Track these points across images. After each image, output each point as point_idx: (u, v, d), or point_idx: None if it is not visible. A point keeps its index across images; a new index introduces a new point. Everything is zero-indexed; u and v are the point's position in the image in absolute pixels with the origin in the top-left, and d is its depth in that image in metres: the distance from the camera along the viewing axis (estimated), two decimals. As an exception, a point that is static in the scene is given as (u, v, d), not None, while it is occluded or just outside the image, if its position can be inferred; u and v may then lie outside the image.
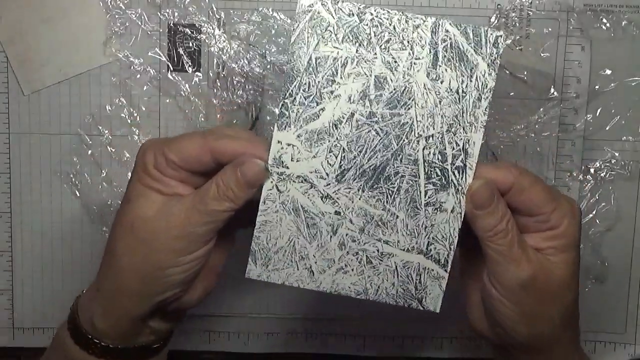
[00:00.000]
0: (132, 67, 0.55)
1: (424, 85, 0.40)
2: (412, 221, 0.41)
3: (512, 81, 0.55)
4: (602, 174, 0.56)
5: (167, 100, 0.56)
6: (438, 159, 0.40)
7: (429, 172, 0.40)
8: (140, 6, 0.55)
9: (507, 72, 0.55)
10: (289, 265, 0.41)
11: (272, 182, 0.40)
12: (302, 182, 0.40)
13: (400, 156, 0.40)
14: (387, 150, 0.40)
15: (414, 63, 0.39)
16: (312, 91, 0.39)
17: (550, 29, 0.55)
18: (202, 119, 0.56)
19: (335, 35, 0.39)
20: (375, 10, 0.39)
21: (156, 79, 0.55)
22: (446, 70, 0.39)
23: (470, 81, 0.40)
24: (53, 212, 0.57)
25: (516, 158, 0.56)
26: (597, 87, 0.55)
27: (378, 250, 0.41)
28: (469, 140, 0.40)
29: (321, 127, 0.40)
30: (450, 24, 0.39)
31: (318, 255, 0.41)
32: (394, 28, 0.39)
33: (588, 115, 0.56)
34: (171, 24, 0.55)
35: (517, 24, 0.55)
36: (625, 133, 0.56)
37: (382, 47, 0.39)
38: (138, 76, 0.55)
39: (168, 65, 0.55)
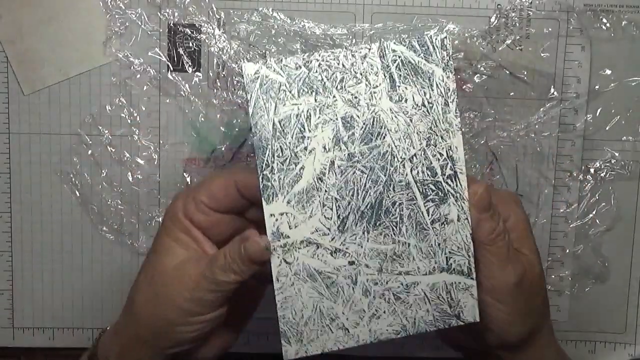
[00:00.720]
0: (132, 67, 0.55)
1: (390, 109, 0.39)
2: (425, 243, 0.40)
3: (512, 81, 0.55)
4: (602, 174, 0.56)
5: (167, 100, 0.56)
6: (428, 175, 0.40)
7: (424, 190, 0.40)
8: (140, 6, 0.55)
9: (507, 72, 0.55)
10: (322, 332, 0.40)
11: (278, 257, 0.39)
12: (307, 245, 0.39)
13: (392, 185, 0.40)
14: (377, 185, 0.39)
15: (374, 92, 0.39)
16: (287, 154, 0.39)
17: (550, 29, 0.55)
18: (202, 119, 0.56)
19: (290, 92, 0.39)
20: (320, 55, 0.39)
21: (156, 79, 0.55)
22: (406, 88, 0.39)
23: (432, 90, 0.39)
24: (53, 212, 0.57)
25: (516, 158, 0.56)
26: (597, 87, 0.55)
27: (402, 284, 0.40)
28: (450, 147, 0.40)
29: (307, 185, 0.39)
30: (394, 42, 0.39)
31: (347, 311, 0.40)
32: (343, 65, 0.39)
33: (588, 115, 0.56)
34: (171, 24, 0.55)
35: (517, 24, 0.55)
36: (625, 133, 0.56)
37: (338, 87, 0.39)
38: (138, 76, 0.55)
39: (168, 65, 0.55)
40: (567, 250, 0.57)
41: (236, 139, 0.56)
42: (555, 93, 0.55)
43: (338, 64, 0.39)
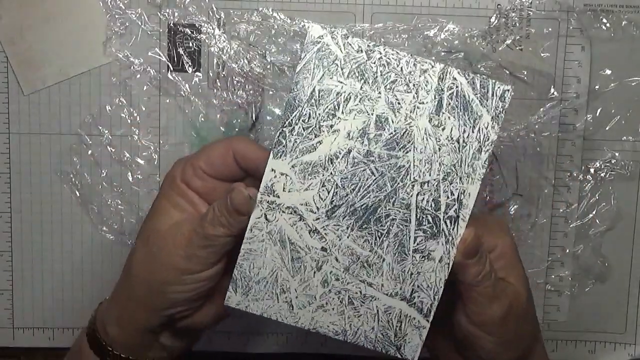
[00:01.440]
0: (132, 67, 0.55)
1: (425, 130, 0.39)
2: (399, 266, 0.40)
3: (512, 81, 0.55)
4: (602, 174, 0.56)
5: (167, 100, 0.56)
6: (431, 206, 0.39)
7: (421, 218, 0.39)
8: (140, 6, 0.55)
9: (507, 72, 0.55)
10: (269, 297, 0.41)
11: (261, 210, 0.40)
12: (291, 213, 0.40)
13: (394, 199, 0.39)
14: (380, 192, 0.39)
15: (417, 107, 0.39)
16: (312, 123, 0.39)
17: (550, 29, 0.55)
18: (202, 119, 0.56)
19: (342, 69, 0.39)
20: (384, 50, 0.39)
21: (156, 79, 0.55)
22: (449, 117, 0.39)
23: (473, 132, 0.39)
24: (53, 212, 0.57)
25: (516, 158, 0.56)
26: (597, 87, 0.55)
27: (361, 292, 0.40)
28: (464, 191, 0.39)
29: (317, 160, 0.39)
30: (458, 72, 0.39)
31: (300, 290, 0.40)
32: (401, 69, 0.39)
33: (588, 115, 0.56)
34: (171, 24, 0.55)
35: (517, 24, 0.55)
36: (625, 133, 0.56)
37: (387, 87, 0.39)
38: (138, 76, 0.55)
39: (168, 65, 0.55)
40: (567, 250, 0.57)
41: (236, 139, 0.56)
42: (555, 93, 0.55)
43: (397, 65, 0.39)
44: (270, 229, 0.40)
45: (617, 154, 0.56)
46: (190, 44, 0.55)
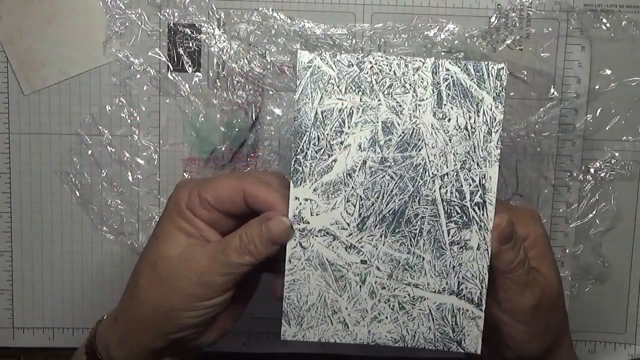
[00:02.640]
0: (132, 67, 0.55)
1: (432, 125, 0.39)
2: (439, 262, 0.40)
3: (512, 81, 0.55)
4: (602, 174, 0.56)
5: (167, 100, 0.56)
6: (456, 196, 0.40)
7: (449, 210, 0.40)
8: (140, 6, 0.55)
9: (507, 72, 0.55)
10: (322, 321, 0.41)
11: (295, 239, 0.40)
12: (324, 235, 0.40)
13: (418, 197, 0.40)
14: (404, 193, 0.40)
15: (419, 105, 0.39)
16: (322, 144, 0.39)
17: (550, 29, 0.55)
18: (202, 119, 0.56)
19: (338, 87, 0.39)
20: (374, 58, 0.39)
21: (156, 79, 0.55)
22: (452, 108, 0.39)
23: (478, 116, 0.39)
24: (53, 212, 0.57)
25: (516, 158, 0.56)
26: (597, 87, 0.55)
27: (409, 295, 0.40)
28: (484, 175, 0.39)
29: (336, 178, 0.40)
30: (450, 62, 0.39)
31: (350, 307, 0.41)
32: (395, 73, 0.39)
33: (588, 115, 0.56)
34: (171, 24, 0.55)
35: (517, 24, 0.55)
36: (625, 133, 0.56)
37: (385, 92, 0.39)
38: (138, 76, 0.55)
39: (168, 65, 0.55)
40: (567, 250, 0.57)
41: (236, 139, 0.56)
42: (555, 93, 0.55)
43: (390, 70, 0.39)
44: (308, 256, 0.40)
45: (617, 154, 0.56)
46: (190, 44, 0.55)
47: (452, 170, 0.40)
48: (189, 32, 0.55)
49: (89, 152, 0.56)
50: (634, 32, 0.55)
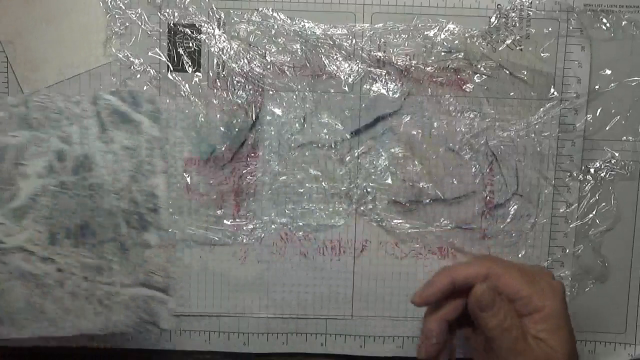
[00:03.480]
0: (132, 67, 0.55)
1: (100, 149, 0.47)
2: (127, 262, 0.48)
3: (512, 81, 0.55)
4: (602, 174, 0.56)
5: (167, 100, 0.56)
6: (131, 206, 0.47)
7: (127, 218, 0.47)
8: (140, 6, 0.55)
9: (507, 72, 0.55)
10: (33, 320, 0.49)
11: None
12: (21, 252, 0.48)
13: (99, 211, 0.47)
14: (85, 209, 0.47)
15: (85, 133, 0.46)
16: (4, 176, 0.47)
17: (550, 29, 0.55)
18: (202, 119, 0.56)
19: (9, 125, 0.46)
20: (37, 97, 0.46)
21: (156, 79, 0.55)
22: (114, 132, 0.47)
23: (140, 136, 0.47)
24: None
25: (516, 158, 0.56)
26: (597, 87, 0.55)
27: (105, 292, 0.49)
28: (153, 185, 0.48)
29: (21, 204, 0.47)
30: (110, 92, 0.47)
31: (54, 307, 0.49)
32: (60, 110, 0.46)
33: (588, 115, 0.56)
34: (171, 24, 0.55)
35: (517, 24, 0.55)
36: (625, 133, 0.56)
37: (53, 126, 0.46)
38: (138, 76, 0.55)
39: (168, 65, 0.55)
40: (567, 250, 0.57)
41: (236, 139, 0.56)
42: (555, 93, 0.55)
43: (55, 107, 0.46)
44: (8, 269, 0.48)
45: (617, 154, 0.56)
46: (190, 44, 0.55)
47: (125, 185, 0.47)
48: (189, 32, 0.55)
49: (89, 152, 0.56)
50: (634, 32, 0.55)
